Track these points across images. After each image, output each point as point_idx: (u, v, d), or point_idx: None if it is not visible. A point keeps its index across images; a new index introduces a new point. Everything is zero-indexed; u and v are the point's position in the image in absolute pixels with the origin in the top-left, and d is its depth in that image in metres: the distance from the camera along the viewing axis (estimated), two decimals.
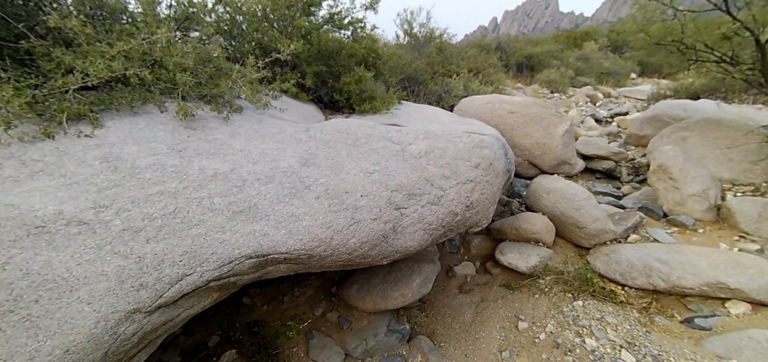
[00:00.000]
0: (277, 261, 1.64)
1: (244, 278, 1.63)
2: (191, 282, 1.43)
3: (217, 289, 1.59)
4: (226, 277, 1.53)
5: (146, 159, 1.73)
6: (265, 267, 1.65)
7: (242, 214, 1.63)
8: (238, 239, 1.56)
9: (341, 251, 1.71)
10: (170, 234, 1.47)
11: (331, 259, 1.72)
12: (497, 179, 2.49)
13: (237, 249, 1.54)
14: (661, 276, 3.12)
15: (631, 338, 2.46)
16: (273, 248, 1.58)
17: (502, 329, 2.93)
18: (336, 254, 1.71)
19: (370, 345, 2.76)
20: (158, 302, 1.35)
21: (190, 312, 1.54)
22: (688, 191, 3.98)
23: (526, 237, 3.95)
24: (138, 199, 1.53)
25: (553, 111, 4.14)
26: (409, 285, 2.81)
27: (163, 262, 1.39)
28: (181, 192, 1.63)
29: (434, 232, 2.02)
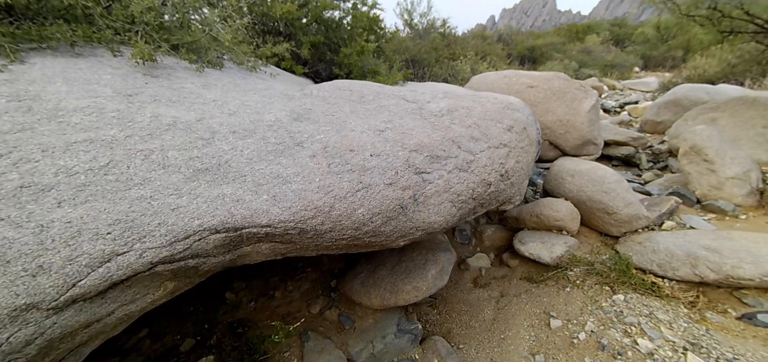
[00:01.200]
0: (256, 239, 1.18)
1: (211, 262, 1.16)
2: (125, 265, 0.96)
3: (171, 277, 1.13)
4: (181, 259, 1.07)
5: (78, 101, 1.26)
6: (239, 247, 1.19)
7: (208, 173, 1.17)
8: (199, 205, 1.10)
9: (345, 225, 1.25)
10: (97, 195, 1.01)
11: (330, 237, 1.27)
12: (531, 148, 2.05)
13: (197, 220, 1.07)
14: (709, 266, 2.71)
15: (692, 338, 2.05)
16: (249, 219, 1.12)
17: (530, 327, 2.50)
18: (337, 229, 1.25)
19: (378, 348, 2.31)
20: (70, 293, 0.89)
21: (131, 310, 1.08)
22: (726, 174, 3.59)
23: (547, 225, 3.53)
24: (52, 148, 1.06)
25: (577, 85, 3.72)
26: (423, 276, 2.37)
27: (80, 235, 0.93)
28: (121, 142, 1.16)
29: (463, 206, 1.58)
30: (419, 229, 1.43)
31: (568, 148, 3.79)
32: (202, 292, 2.58)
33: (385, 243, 1.41)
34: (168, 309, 2.43)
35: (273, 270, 2.87)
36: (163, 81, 1.58)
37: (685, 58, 14.01)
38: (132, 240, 0.99)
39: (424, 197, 1.42)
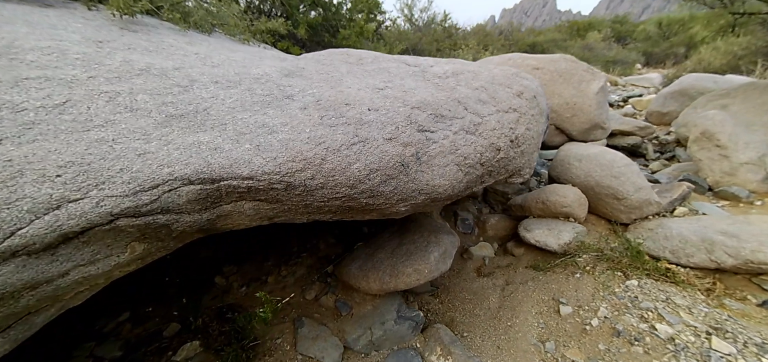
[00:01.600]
0: (237, 194, 1.03)
1: (185, 220, 1.01)
2: (79, 214, 0.82)
3: (138, 236, 0.98)
4: (148, 213, 0.92)
5: (37, 41, 1.11)
6: (217, 205, 1.04)
7: (183, 119, 1.02)
8: (170, 152, 0.95)
9: (339, 181, 1.11)
10: (48, 135, 0.86)
11: (322, 196, 1.12)
12: (541, 118, 1.91)
13: (167, 168, 0.93)
14: (727, 251, 2.56)
15: (715, 323, 1.90)
16: (229, 169, 0.98)
17: (539, 315, 2.35)
18: (330, 186, 1.11)
19: (376, 335, 2.16)
20: (7, 243, 0.74)
21: (90, 273, 0.93)
22: (739, 159, 3.45)
23: (554, 211, 3.38)
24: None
25: (585, 67, 3.58)
26: (425, 258, 2.22)
27: (22, 175, 0.78)
28: (83, 82, 1.01)
29: (470, 171, 1.43)
30: (422, 193, 1.28)
31: (574, 132, 3.65)
32: (190, 276, 2.43)
33: (384, 207, 1.26)
34: (152, 294, 2.28)
35: (266, 254, 2.72)
36: (142, 35, 1.44)
37: (688, 54, 13.90)
38: (87, 186, 0.84)
39: (427, 156, 1.27)
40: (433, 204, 1.42)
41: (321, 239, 2.86)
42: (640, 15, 25.59)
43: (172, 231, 1.03)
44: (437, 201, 1.39)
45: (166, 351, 1.87)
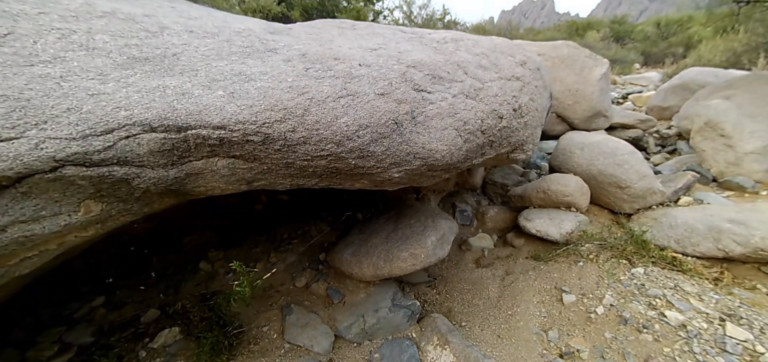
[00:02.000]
0: (209, 148, 0.91)
1: (148, 177, 0.89)
2: (13, 156, 0.69)
3: (93, 193, 0.85)
4: (102, 162, 0.80)
5: None
6: (186, 159, 0.92)
7: (147, 63, 0.90)
8: (129, 95, 0.83)
9: (324, 136, 0.99)
10: None
11: (305, 153, 1.00)
12: (545, 93, 1.80)
13: (124, 111, 0.81)
14: (735, 239, 2.47)
15: (728, 309, 1.80)
16: (197, 116, 0.86)
17: (541, 304, 2.24)
18: (314, 141, 0.99)
19: (369, 323, 2.04)
20: None
21: (34, 233, 0.80)
22: (745, 149, 3.37)
23: (555, 201, 3.27)
24: None
25: (587, 53, 3.49)
26: (421, 243, 2.10)
27: None
28: (32, 17, 0.88)
29: (471, 138, 1.32)
30: (418, 157, 1.17)
31: (576, 120, 3.55)
32: (173, 261, 2.30)
33: (376, 171, 1.14)
34: (131, 279, 2.14)
35: (255, 241, 2.59)
36: None
37: (686, 54, 13.92)
38: (24, 125, 0.72)
39: (424, 117, 1.16)
40: (429, 175, 1.30)
41: (313, 226, 2.74)
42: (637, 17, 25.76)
43: (133, 190, 0.91)
44: (434, 170, 1.27)
45: (143, 337, 1.74)
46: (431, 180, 1.38)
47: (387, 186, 1.30)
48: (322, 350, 1.89)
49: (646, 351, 1.66)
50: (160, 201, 1.05)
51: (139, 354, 1.65)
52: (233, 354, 1.76)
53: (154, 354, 1.67)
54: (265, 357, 1.77)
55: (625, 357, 1.68)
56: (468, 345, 1.90)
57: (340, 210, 2.87)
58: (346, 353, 1.95)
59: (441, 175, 1.39)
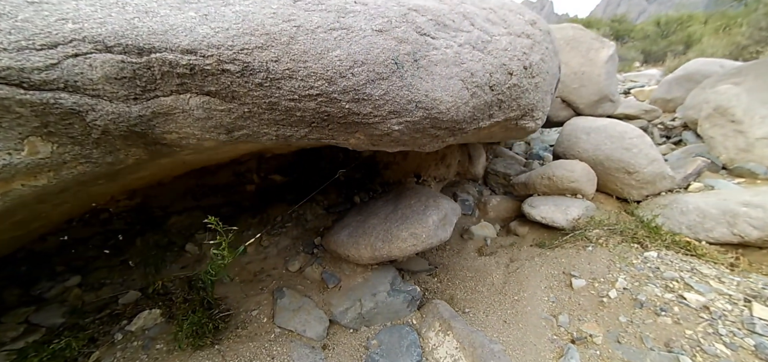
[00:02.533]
0: (177, 77, 0.78)
1: (104, 111, 0.76)
2: None
3: (37, 125, 0.72)
4: (45, 85, 0.67)
5: None
6: (151, 93, 0.79)
7: None
8: (78, 7, 0.69)
9: (313, 70, 0.86)
10: None
11: (291, 90, 0.87)
12: (556, 59, 1.68)
13: (72, 23, 0.67)
14: (752, 223, 2.36)
15: (752, 291, 1.67)
16: (162, 37, 0.73)
17: (549, 289, 2.12)
18: (301, 75, 0.86)
19: (367, 307, 1.90)
20: None
21: None
22: (756, 134, 3.25)
23: (561, 187, 3.15)
24: None
25: (593, 35, 3.38)
26: (422, 222, 1.97)
27: None
28: None
29: (478, 93, 1.19)
30: (420, 107, 1.04)
31: (582, 105, 3.43)
32: (158, 242, 2.16)
33: (373, 121, 1.01)
34: (110, 260, 2.00)
35: (247, 223, 2.45)
36: None
37: (686, 52, 13.90)
38: None
39: (427, 61, 1.03)
40: (433, 133, 1.17)
41: (308, 210, 2.61)
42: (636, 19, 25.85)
43: (89, 128, 0.78)
44: (438, 127, 1.14)
45: (120, 318, 1.60)
46: (434, 143, 1.25)
47: (386, 145, 1.16)
48: (315, 335, 1.76)
49: (666, 334, 1.54)
50: (126, 151, 0.92)
51: (114, 337, 1.51)
52: (219, 337, 1.62)
53: (132, 336, 1.53)
54: (253, 341, 1.64)
55: (643, 341, 1.55)
56: (472, 331, 1.76)
57: (337, 194, 2.74)
58: (341, 338, 1.82)
59: (445, 137, 1.26)
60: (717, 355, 1.35)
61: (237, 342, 1.63)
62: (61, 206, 1.29)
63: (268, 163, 2.25)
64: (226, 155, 1.69)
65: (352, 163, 2.53)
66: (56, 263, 1.80)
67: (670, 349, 1.45)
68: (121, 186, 1.54)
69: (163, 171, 1.62)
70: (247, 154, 1.93)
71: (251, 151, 1.78)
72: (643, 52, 16.35)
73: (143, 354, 1.47)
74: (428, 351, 1.79)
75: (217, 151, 1.51)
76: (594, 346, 1.63)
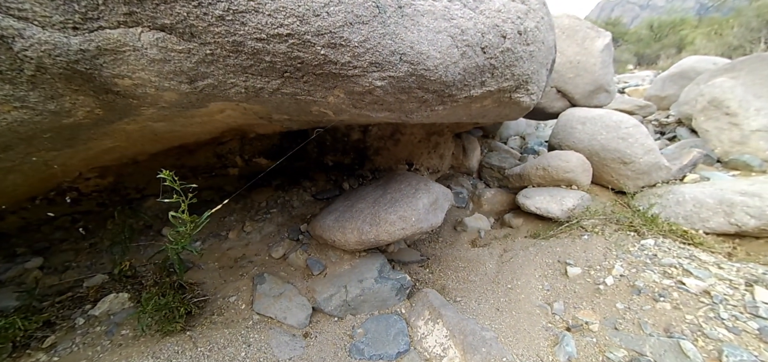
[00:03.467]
0: (121, 1, 0.67)
1: (37, 39, 0.66)
2: None
3: None
4: None
5: None
6: (95, 21, 0.68)
7: None
8: None
9: (282, 4, 0.77)
10: None
11: (258, 23, 0.78)
12: (551, 33, 1.61)
13: None
14: (749, 212, 2.31)
15: (753, 276, 1.61)
16: None
17: (543, 277, 2.04)
18: (269, 9, 0.77)
19: (352, 294, 1.80)
20: None
21: None
22: (751, 126, 3.24)
23: (556, 178, 3.09)
24: None
25: (589, 24, 3.34)
26: (412, 205, 1.88)
27: None
28: None
29: (469, 53, 1.10)
30: (405, 59, 0.95)
31: (577, 95, 3.39)
32: (132, 226, 2.03)
33: (351, 72, 0.92)
34: (79, 242, 1.87)
35: (230, 207, 2.34)
36: None
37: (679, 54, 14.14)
38: None
39: (412, 9, 0.94)
40: (420, 96, 1.08)
41: (295, 196, 2.50)
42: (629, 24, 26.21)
43: (19, 61, 0.67)
44: (426, 88, 1.05)
45: (83, 302, 1.48)
46: (423, 109, 1.15)
47: (369, 108, 1.07)
48: (296, 322, 1.65)
49: (665, 319, 1.46)
50: (72, 97, 0.81)
51: (75, 321, 1.39)
52: (191, 323, 1.51)
53: (95, 321, 1.41)
54: (229, 327, 1.52)
55: (641, 327, 1.47)
56: (463, 319, 1.67)
57: (325, 180, 2.63)
58: (324, 327, 1.71)
59: (434, 104, 1.17)
60: (719, 339, 1.27)
61: (211, 328, 1.51)
62: (13, 175, 1.17)
63: (252, 144, 2.14)
64: (202, 129, 1.58)
65: (340, 146, 2.43)
66: (17, 244, 1.67)
67: (671, 334, 1.37)
68: (86, 158, 1.43)
69: (133, 144, 1.51)
70: (227, 131, 1.83)
71: (230, 127, 1.67)
72: (637, 55, 16.57)
73: (106, 339, 1.35)
74: (417, 339, 1.70)
75: (190, 120, 1.40)
76: (590, 333, 1.55)
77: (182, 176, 2.26)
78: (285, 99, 1.03)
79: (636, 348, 1.40)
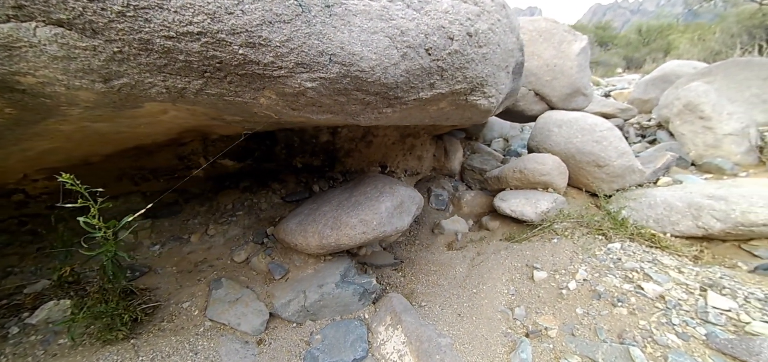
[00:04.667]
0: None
1: None
2: None
3: None
4: None
5: None
6: None
7: None
8: None
9: (189, 0, 0.72)
10: None
11: (164, 20, 0.74)
12: (511, 35, 1.59)
13: None
14: (715, 215, 2.32)
15: (709, 280, 1.61)
16: None
17: (510, 282, 2.02)
18: (175, 5, 0.73)
19: (311, 299, 1.76)
20: None
21: None
22: (723, 130, 3.28)
23: (532, 181, 3.09)
24: None
25: (566, 27, 3.35)
26: (374, 209, 1.84)
27: None
28: None
29: (411, 55, 1.07)
30: (335, 60, 0.91)
31: (555, 98, 3.40)
32: (81, 231, 1.96)
33: (278, 74, 0.88)
34: (26, 247, 1.80)
35: (194, 210, 2.28)
36: None
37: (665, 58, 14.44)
38: None
39: (343, 9, 0.91)
40: (359, 98, 1.04)
41: (263, 198, 2.45)
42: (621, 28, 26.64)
43: None
44: (365, 90, 1.01)
45: (20, 310, 1.41)
46: (368, 112, 1.12)
47: (308, 111, 1.03)
48: (250, 329, 1.60)
49: (620, 325, 1.45)
50: None
51: (8, 330, 1.32)
52: (137, 331, 1.45)
53: (31, 330, 1.35)
54: (177, 335, 1.47)
55: (597, 334, 1.46)
56: (422, 325, 1.64)
57: (295, 182, 2.59)
58: (281, 333, 1.67)
59: (380, 106, 1.14)
60: (668, 345, 1.26)
61: (158, 335, 1.46)
62: None
63: (215, 145, 2.09)
64: (154, 130, 1.53)
65: (309, 148, 2.39)
66: None
67: (622, 341, 1.36)
68: (25, 160, 1.36)
69: (78, 145, 1.44)
70: (185, 132, 1.77)
71: (185, 128, 1.62)
72: (626, 59, 16.82)
73: (40, 349, 1.29)
74: (376, 346, 1.66)
75: (135, 121, 1.35)
76: (548, 339, 1.54)
77: (143, 178, 2.20)
78: (216, 100, 0.98)
79: (589, 354, 1.38)
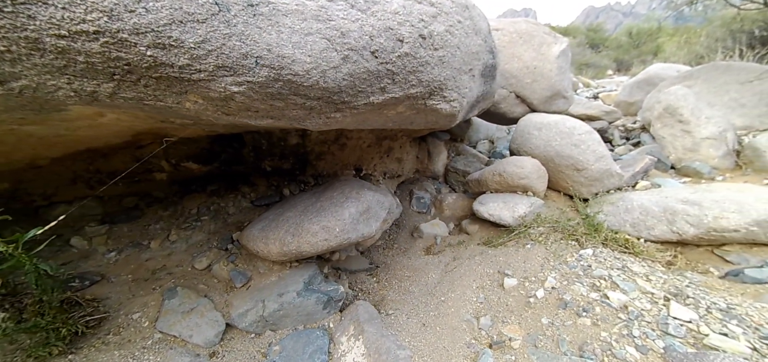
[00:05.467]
0: None
1: None
2: None
3: None
4: None
5: None
6: None
7: None
8: None
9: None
10: None
11: (51, 17, 0.67)
12: (475, 37, 1.53)
13: None
14: (689, 220, 2.31)
15: (674, 289, 1.58)
16: None
17: (480, 289, 1.98)
18: (63, 1, 0.65)
19: (270, 309, 1.69)
20: None
21: None
22: (701, 134, 3.28)
23: (511, 184, 3.06)
24: None
25: (546, 29, 3.32)
26: (337, 215, 1.78)
27: None
28: None
29: (354, 57, 1.01)
30: (263, 64, 0.85)
31: (535, 100, 3.37)
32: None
33: (198, 77, 0.81)
34: None
35: (157, 214, 2.19)
36: None
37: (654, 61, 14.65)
38: None
39: (270, 8, 0.84)
40: (298, 102, 0.98)
41: (231, 202, 2.37)
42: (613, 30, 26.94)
43: None
44: (303, 93, 0.95)
45: None
46: (313, 117, 1.06)
47: (240, 114, 0.96)
48: (203, 341, 1.53)
49: (582, 336, 1.41)
50: None
51: None
52: (78, 345, 1.38)
53: None
54: (121, 349, 1.39)
55: (559, 345, 1.42)
56: (383, 335, 1.59)
57: (266, 186, 2.51)
58: (237, 345, 1.60)
59: (327, 111, 1.08)
60: (626, 359, 1.23)
61: (100, 350, 1.38)
62: None
63: (177, 148, 2.01)
64: (99, 133, 1.44)
65: (278, 151, 2.32)
66: None
67: (582, 353, 1.32)
68: None
69: (14, 149, 1.36)
70: (141, 135, 1.69)
71: (137, 131, 1.54)
72: (616, 61, 16.98)
73: None
74: (336, 357, 1.60)
75: (72, 124, 1.27)
76: (511, 351, 1.49)
77: (99, 181, 2.11)
78: (135, 104, 0.91)
79: None
